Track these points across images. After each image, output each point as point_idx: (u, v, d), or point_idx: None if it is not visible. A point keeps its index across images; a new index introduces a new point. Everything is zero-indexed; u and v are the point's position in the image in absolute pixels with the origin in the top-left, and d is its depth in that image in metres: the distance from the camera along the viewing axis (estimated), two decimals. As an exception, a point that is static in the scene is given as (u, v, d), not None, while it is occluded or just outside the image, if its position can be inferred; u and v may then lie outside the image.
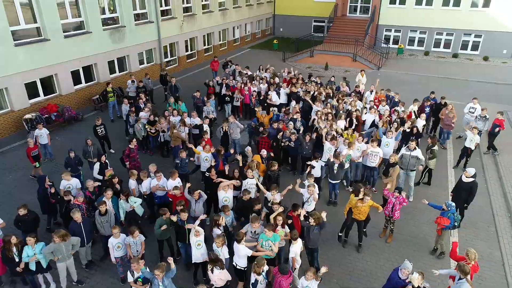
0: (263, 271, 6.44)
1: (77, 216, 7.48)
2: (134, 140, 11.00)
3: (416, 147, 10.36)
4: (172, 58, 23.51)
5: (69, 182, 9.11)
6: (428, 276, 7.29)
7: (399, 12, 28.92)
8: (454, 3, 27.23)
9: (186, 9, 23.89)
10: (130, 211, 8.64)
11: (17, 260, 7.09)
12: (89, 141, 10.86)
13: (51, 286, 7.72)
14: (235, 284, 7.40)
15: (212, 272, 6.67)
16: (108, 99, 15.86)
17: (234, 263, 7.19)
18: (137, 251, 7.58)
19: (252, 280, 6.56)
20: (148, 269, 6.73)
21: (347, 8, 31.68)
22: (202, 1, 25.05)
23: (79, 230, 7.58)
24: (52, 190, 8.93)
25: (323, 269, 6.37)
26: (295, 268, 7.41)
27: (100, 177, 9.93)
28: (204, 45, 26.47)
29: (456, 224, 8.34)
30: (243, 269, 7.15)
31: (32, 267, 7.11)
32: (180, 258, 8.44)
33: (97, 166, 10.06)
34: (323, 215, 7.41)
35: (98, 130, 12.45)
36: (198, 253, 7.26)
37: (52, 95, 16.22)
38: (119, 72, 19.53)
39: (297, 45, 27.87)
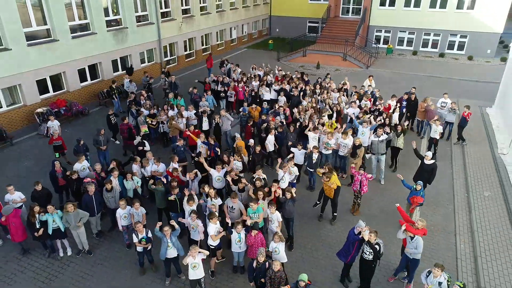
0: (239, 233, 7.81)
1: (91, 188, 8.89)
2: (126, 119, 13.10)
3: (383, 133, 11.71)
4: (171, 58, 24.86)
5: (83, 164, 10.45)
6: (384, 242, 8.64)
7: (389, 14, 30.25)
8: (440, 5, 28.57)
9: (185, 11, 25.22)
10: (134, 189, 10.03)
11: (37, 226, 8.45)
12: (102, 130, 12.18)
13: (67, 250, 9.09)
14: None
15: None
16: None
17: (208, 242, 8.27)
18: (139, 221, 8.89)
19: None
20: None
21: (340, 9, 33.01)
22: (200, 3, 26.40)
23: (91, 201, 8.96)
24: (73, 176, 10.11)
25: None
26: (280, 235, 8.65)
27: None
28: (202, 45, 27.81)
29: None
30: (213, 247, 8.21)
31: (50, 231, 8.46)
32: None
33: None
34: (293, 191, 8.80)
35: (111, 119, 13.90)
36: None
37: (60, 91, 17.59)
38: (122, 71, 20.88)
39: (292, 45, 29.22)
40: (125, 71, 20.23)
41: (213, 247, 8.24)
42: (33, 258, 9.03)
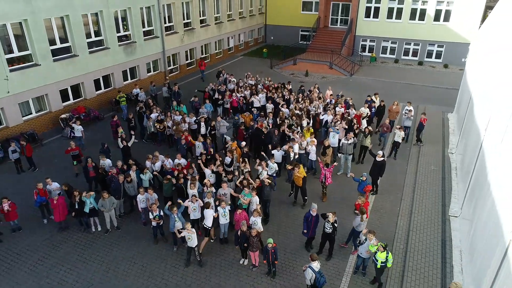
0: (224, 208, 10.56)
1: (121, 177, 11.80)
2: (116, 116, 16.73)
3: (352, 138, 14.45)
4: (174, 66, 27.64)
5: (104, 162, 13.23)
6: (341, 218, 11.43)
7: (373, 25, 32.99)
8: (419, 17, 31.33)
9: (186, 24, 27.98)
10: (148, 180, 12.81)
11: (76, 207, 11.23)
12: (123, 134, 14.93)
13: (98, 226, 11.87)
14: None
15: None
16: (121, 103, 20.16)
17: (203, 224, 10.90)
18: (153, 203, 11.64)
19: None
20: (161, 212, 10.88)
21: (329, 20, 35.78)
22: (200, 16, 29.16)
23: (119, 187, 11.82)
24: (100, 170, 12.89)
25: None
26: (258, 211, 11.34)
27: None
28: (202, 54, 30.53)
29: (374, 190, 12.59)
30: (209, 228, 10.81)
31: (87, 210, 11.22)
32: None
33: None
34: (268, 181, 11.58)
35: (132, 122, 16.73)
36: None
37: (79, 99, 20.38)
38: (131, 80, 23.67)
39: (285, 53, 31.94)
40: (134, 80, 23.02)
41: (208, 228, 10.81)
42: (72, 232, 11.82)
